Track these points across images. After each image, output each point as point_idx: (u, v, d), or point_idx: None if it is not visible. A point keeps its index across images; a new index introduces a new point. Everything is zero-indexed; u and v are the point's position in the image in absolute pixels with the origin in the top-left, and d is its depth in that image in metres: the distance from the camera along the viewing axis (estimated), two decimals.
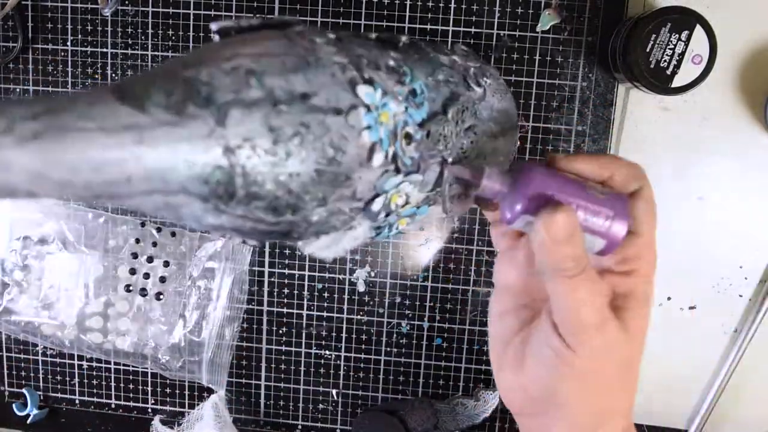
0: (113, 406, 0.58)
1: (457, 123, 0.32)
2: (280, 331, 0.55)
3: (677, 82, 0.44)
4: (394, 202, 0.29)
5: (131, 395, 0.57)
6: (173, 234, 0.54)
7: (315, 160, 0.24)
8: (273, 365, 0.56)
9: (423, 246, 0.52)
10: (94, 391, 0.57)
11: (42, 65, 0.53)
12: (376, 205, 0.28)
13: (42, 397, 0.58)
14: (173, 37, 0.51)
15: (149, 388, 0.57)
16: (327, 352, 0.55)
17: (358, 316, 0.54)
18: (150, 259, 0.55)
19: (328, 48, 0.26)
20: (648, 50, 0.44)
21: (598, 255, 0.28)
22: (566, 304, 0.26)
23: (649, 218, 0.28)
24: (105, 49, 0.52)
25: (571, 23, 0.49)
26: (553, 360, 0.27)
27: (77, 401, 0.58)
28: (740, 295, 0.51)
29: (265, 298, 0.55)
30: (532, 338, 0.29)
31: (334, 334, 0.55)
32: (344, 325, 0.54)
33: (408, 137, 0.27)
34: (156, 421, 0.55)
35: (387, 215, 0.29)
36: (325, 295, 0.54)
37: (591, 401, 0.28)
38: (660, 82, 0.44)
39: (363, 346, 0.55)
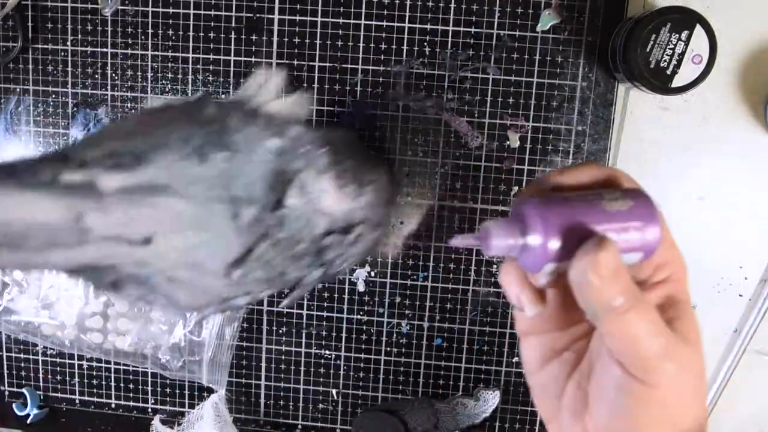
0: (113, 406, 0.58)
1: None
2: (280, 331, 0.55)
3: (677, 82, 0.44)
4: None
5: (131, 395, 0.57)
6: None
7: None
8: (273, 365, 0.56)
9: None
10: (94, 391, 0.57)
11: (42, 65, 0.53)
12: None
13: (42, 397, 0.58)
14: (173, 37, 0.51)
15: (149, 388, 0.57)
16: (327, 352, 0.55)
17: (358, 316, 0.54)
18: None
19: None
20: (648, 50, 0.44)
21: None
22: (627, 343, 0.23)
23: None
24: (105, 49, 0.52)
25: (571, 23, 0.49)
26: (627, 399, 0.25)
27: (77, 401, 0.58)
28: (740, 295, 0.51)
29: (265, 298, 0.55)
30: (594, 382, 0.26)
31: (334, 334, 0.55)
32: (344, 325, 0.54)
33: None
34: (156, 421, 0.55)
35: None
36: (325, 295, 0.54)
37: (672, 428, 0.25)
38: (660, 82, 0.44)
39: (363, 346, 0.55)
